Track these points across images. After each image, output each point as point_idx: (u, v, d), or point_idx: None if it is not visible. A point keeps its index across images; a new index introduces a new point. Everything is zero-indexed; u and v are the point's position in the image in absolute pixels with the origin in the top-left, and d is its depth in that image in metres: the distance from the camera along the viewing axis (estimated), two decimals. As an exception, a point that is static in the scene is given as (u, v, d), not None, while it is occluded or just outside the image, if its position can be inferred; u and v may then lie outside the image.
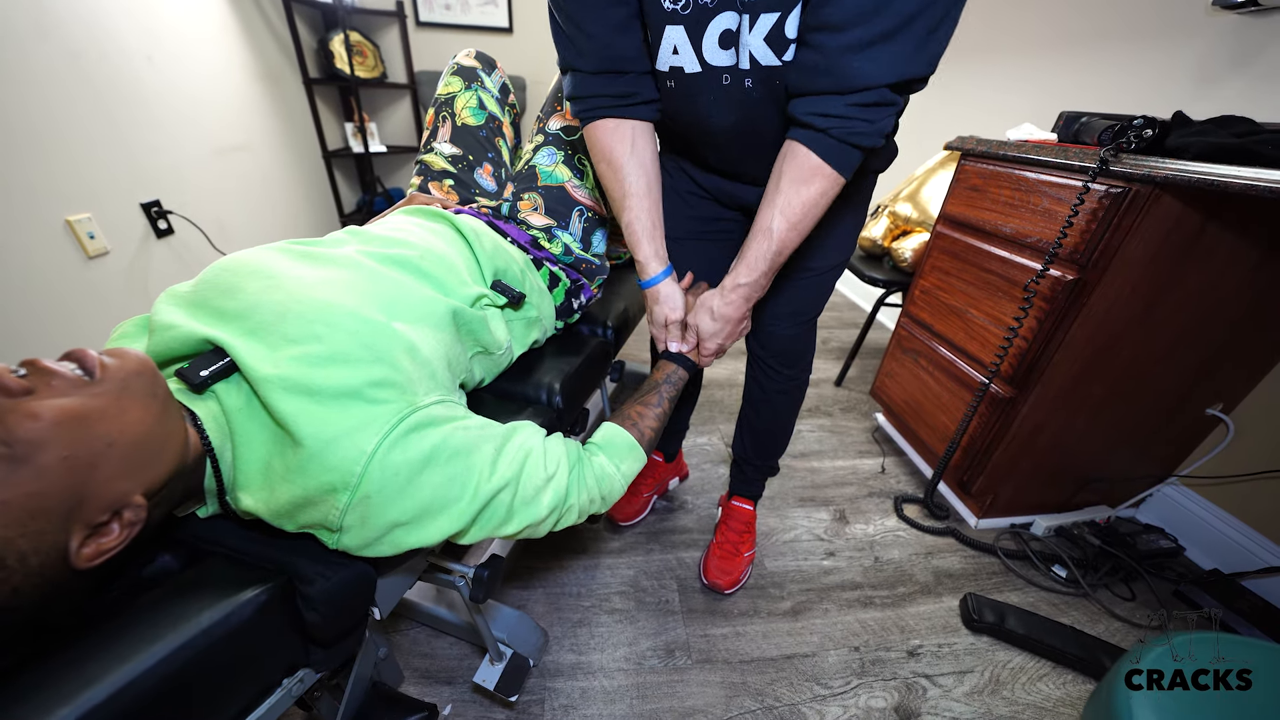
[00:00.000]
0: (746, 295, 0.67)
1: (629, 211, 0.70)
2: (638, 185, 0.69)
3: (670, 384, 0.73)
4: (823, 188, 0.57)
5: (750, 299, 0.68)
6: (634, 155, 0.68)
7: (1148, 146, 0.82)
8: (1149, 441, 1.17)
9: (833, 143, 0.54)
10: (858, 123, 0.53)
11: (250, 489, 0.48)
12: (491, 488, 0.51)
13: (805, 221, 0.60)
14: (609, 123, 0.66)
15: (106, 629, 0.39)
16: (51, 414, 0.36)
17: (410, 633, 0.94)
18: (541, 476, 0.55)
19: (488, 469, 0.51)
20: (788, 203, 0.59)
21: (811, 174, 0.57)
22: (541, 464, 0.55)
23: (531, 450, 0.55)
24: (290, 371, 0.45)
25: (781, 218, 0.60)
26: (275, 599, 0.46)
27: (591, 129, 0.68)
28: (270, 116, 2.18)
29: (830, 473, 1.40)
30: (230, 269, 0.55)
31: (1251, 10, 1.00)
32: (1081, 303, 0.91)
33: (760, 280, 0.66)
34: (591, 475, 0.59)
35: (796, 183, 0.58)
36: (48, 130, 1.28)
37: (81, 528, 0.37)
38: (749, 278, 0.65)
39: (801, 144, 0.56)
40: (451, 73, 0.98)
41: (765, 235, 0.62)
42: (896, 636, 0.98)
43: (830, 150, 0.55)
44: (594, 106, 0.66)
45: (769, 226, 0.61)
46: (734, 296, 0.67)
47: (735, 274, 0.67)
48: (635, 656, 0.92)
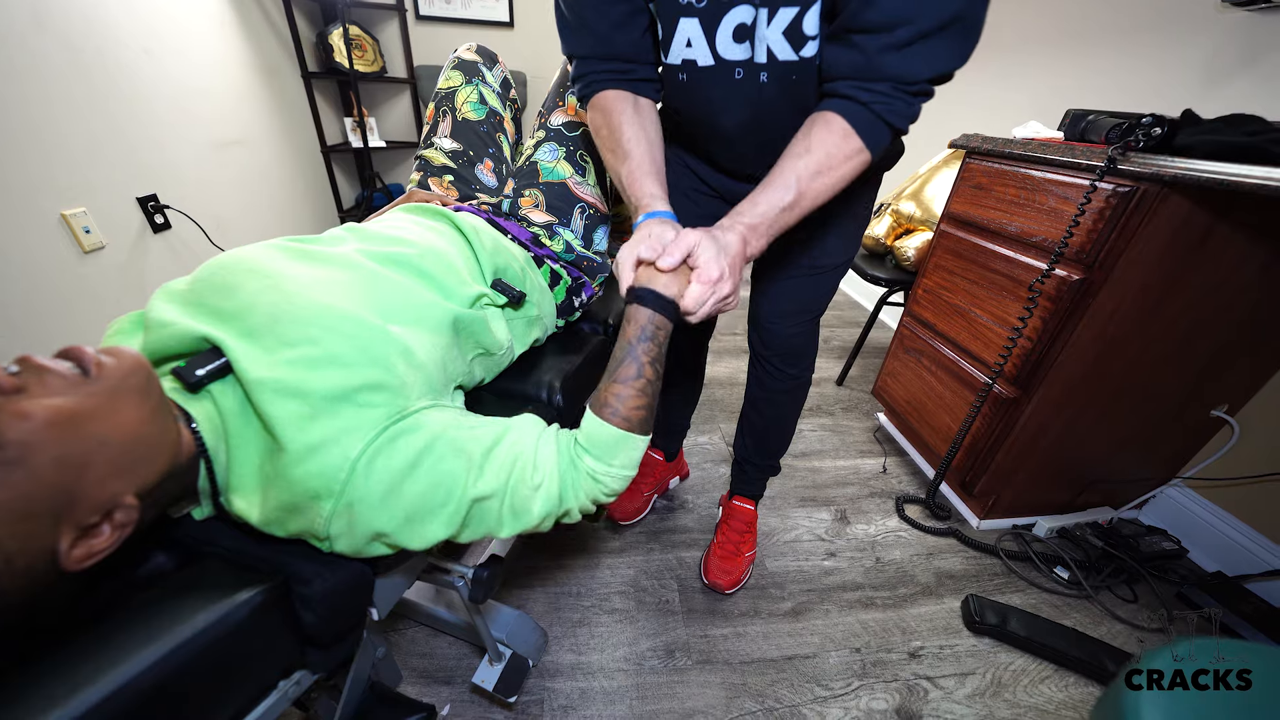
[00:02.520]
0: (743, 234, 0.56)
1: (630, 159, 0.63)
2: (636, 141, 0.64)
3: (645, 340, 0.55)
4: (850, 153, 0.55)
5: (747, 240, 0.56)
6: (636, 118, 0.64)
7: (1156, 145, 0.81)
8: (1153, 443, 1.16)
9: (870, 117, 0.53)
10: (898, 102, 0.52)
11: (243, 492, 0.47)
12: (477, 493, 0.49)
13: (823, 183, 0.56)
14: (609, 93, 0.65)
15: (99, 631, 0.39)
16: (44, 414, 0.35)
17: (409, 632, 0.93)
18: (529, 486, 0.51)
19: (475, 474, 0.49)
20: (810, 157, 0.55)
21: (843, 139, 0.54)
22: (529, 472, 0.52)
23: (520, 456, 0.52)
24: (284, 374, 0.45)
25: (807, 173, 0.55)
26: (271, 600, 0.46)
27: (593, 103, 0.66)
28: (269, 111, 2.16)
29: (832, 472, 1.39)
30: (227, 267, 0.54)
31: (1262, 7, 0.99)
32: (1087, 303, 0.90)
33: (762, 226, 0.56)
34: (585, 478, 0.55)
35: (826, 144, 0.55)
36: (43, 123, 1.27)
37: (71, 529, 0.37)
38: (751, 213, 0.56)
39: (837, 113, 0.54)
40: (452, 67, 0.96)
41: (782, 183, 0.56)
42: (898, 638, 0.97)
43: (866, 124, 0.54)
44: (593, 80, 0.64)
45: (789, 178, 0.56)
46: (732, 234, 0.55)
47: (735, 211, 0.58)
48: (635, 657, 0.91)
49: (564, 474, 0.53)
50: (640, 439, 0.56)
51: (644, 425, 0.56)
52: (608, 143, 0.66)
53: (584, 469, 0.54)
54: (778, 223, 0.57)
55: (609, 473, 0.54)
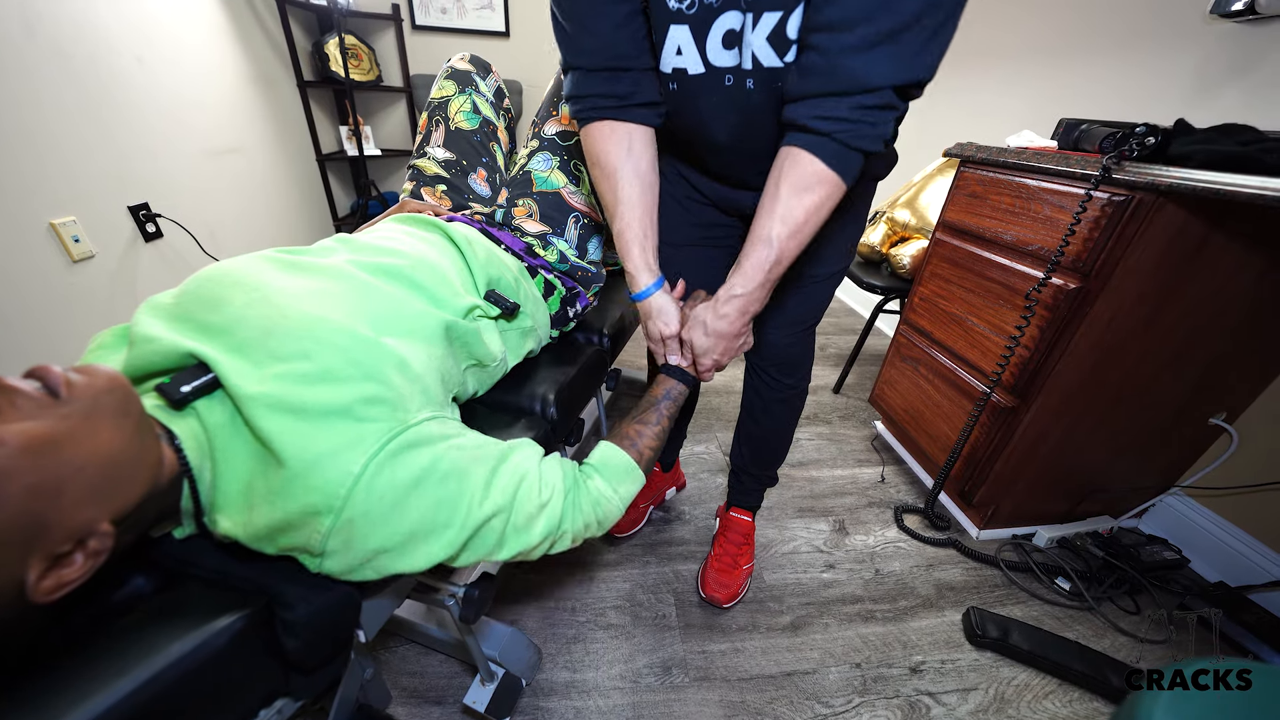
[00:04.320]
0: (742, 308, 0.63)
1: (620, 219, 0.67)
2: (630, 192, 0.66)
3: (669, 400, 0.69)
4: (825, 194, 0.55)
5: (747, 312, 0.64)
6: (629, 160, 0.65)
7: (1150, 154, 0.81)
8: (1152, 451, 1.15)
9: (836, 147, 0.52)
10: (863, 126, 0.51)
11: (229, 510, 0.45)
12: (483, 514, 0.48)
13: (806, 229, 0.57)
14: (605, 125, 0.64)
15: (68, 664, 0.37)
16: (18, 440, 0.33)
17: (399, 650, 0.91)
18: (535, 503, 0.52)
19: (480, 493, 0.49)
20: (788, 211, 0.56)
21: (814, 180, 0.54)
22: (536, 489, 0.53)
23: (526, 474, 0.53)
24: (276, 389, 0.43)
25: (782, 226, 0.57)
26: (252, 625, 0.44)
27: (588, 132, 0.66)
28: (264, 119, 2.15)
29: (829, 482, 1.38)
30: (214, 279, 0.53)
31: (1250, 19, 1.00)
32: (1084, 312, 0.90)
33: (756, 292, 0.62)
34: (588, 500, 0.57)
35: (798, 189, 0.55)
36: (33, 131, 1.26)
37: (41, 559, 0.35)
38: (744, 288, 0.62)
39: (802, 149, 0.54)
40: (445, 76, 0.96)
41: (764, 244, 0.58)
42: (899, 652, 0.96)
43: (834, 155, 0.53)
44: (591, 107, 0.63)
45: (768, 235, 0.58)
46: (728, 309, 0.63)
47: (730, 285, 0.63)
48: (631, 674, 0.89)
49: (568, 491, 0.56)
50: (642, 477, 0.64)
51: (649, 465, 0.65)
52: (600, 183, 0.68)
53: (591, 490, 0.58)
54: (772, 276, 0.61)
55: (611, 498, 0.59)
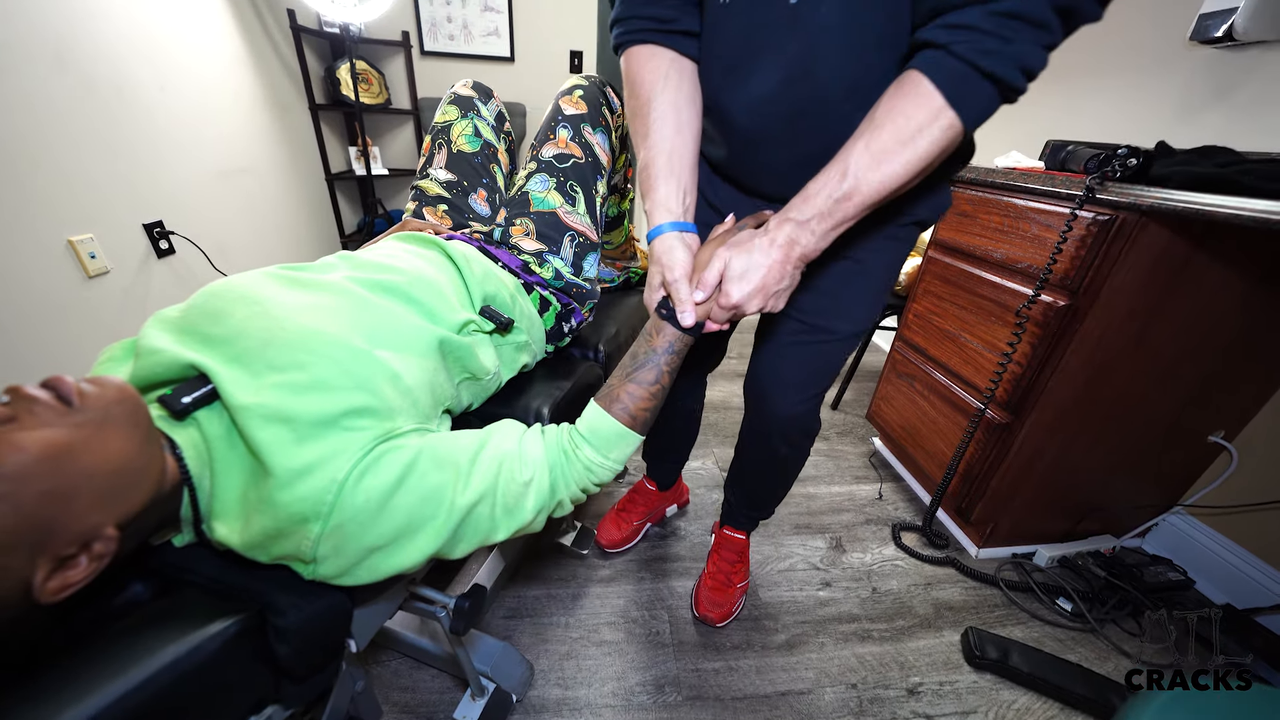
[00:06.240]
0: (793, 236, 0.51)
1: (647, 150, 0.59)
2: (663, 125, 0.58)
3: (670, 353, 0.59)
4: (924, 121, 0.43)
5: (797, 243, 0.51)
6: (666, 90, 0.58)
7: (1133, 175, 0.83)
8: (1150, 469, 1.15)
9: (954, 63, 0.41)
10: (990, 38, 0.39)
11: (225, 518, 0.47)
12: (467, 501, 0.50)
13: (893, 166, 0.45)
14: (645, 49, 0.58)
15: (69, 663, 0.38)
16: (37, 446, 0.35)
17: (391, 664, 0.91)
18: (520, 482, 0.53)
19: (462, 482, 0.50)
20: (875, 137, 0.45)
21: (914, 104, 0.43)
22: (518, 469, 0.53)
23: (505, 456, 0.54)
24: (270, 399, 0.45)
25: (865, 154, 0.46)
26: (245, 631, 0.45)
27: (628, 56, 0.60)
28: (276, 141, 2.23)
29: (826, 499, 1.37)
30: (218, 294, 0.55)
31: (1229, 45, 1.03)
32: (1074, 328, 0.91)
33: (815, 224, 0.50)
34: (578, 469, 0.57)
35: (892, 113, 0.44)
36: (57, 153, 1.31)
37: (48, 561, 0.36)
38: (801, 214, 0.50)
39: (915, 68, 0.43)
40: (448, 102, 1.00)
41: (839, 171, 0.48)
42: (896, 673, 0.94)
43: (948, 74, 0.42)
44: (631, 29, 0.58)
45: (845, 163, 0.47)
46: (778, 234, 0.51)
47: (786, 208, 0.52)
48: (624, 692, 0.88)
49: (554, 465, 0.56)
50: (638, 438, 0.60)
51: (646, 426, 0.60)
52: (635, 109, 0.60)
53: (581, 459, 0.57)
54: (836, 214, 0.49)
55: (603, 464, 0.57)
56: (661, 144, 0.58)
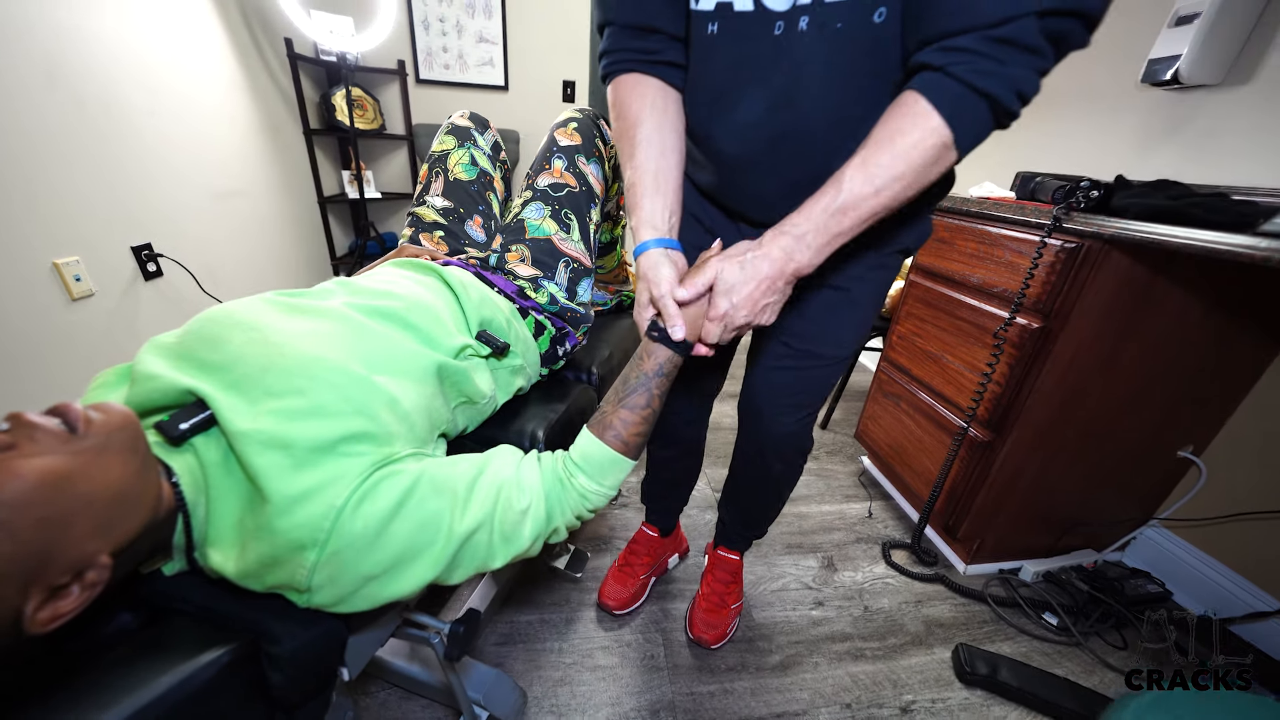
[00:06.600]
0: (788, 250, 0.52)
1: (633, 170, 0.61)
2: (647, 147, 0.60)
3: (660, 376, 0.60)
4: (920, 138, 0.45)
5: (792, 258, 0.52)
6: (652, 115, 0.60)
7: (1095, 206, 0.89)
8: (1126, 485, 1.18)
9: (951, 83, 0.43)
10: (986, 60, 0.41)
11: (220, 545, 0.47)
12: (466, 528, 0.50)
13: (889, 183, 0.47)
14: (631, 78, 0.61)
15: (60, 695, 0.38)
16: (35, 474, 0.35)
17: (379, 695, 0.89)
18: (517, 510, 0.54)
19: (460, 510, 0.51)
20: (872, 154, 0.47)
21: (910, 121, 0.45)
22: (515, 497, 0.54)
23: (503, 484, 0.55)
24: (267, 425, 0.46)
25: (860, 169, 0.48)
26: (238, 660, 0.45)
27: (615, 85, 0.63)
28: (269, 164, 2.24)
29: (817, 518, 1.39)
30: (216, 320, 0.56)
31: (1176, 87, 1.11)
32: (1048, 349, 0.95)
33: (811, 237, 0.51)
34: (574, 497, 0.58)
35: (890, 130, 0.46)
36: (47, 174, 1.31)
37: (40, 590, 0.36)
38: (796, 227, 0.51)
39: (912, 89, 0.45)
40: (446, 131, 1.03)
41: (834, 185, 0.49)
42: (889, 691, 0.95)
43: (945, 94, 0.43)
44: (618, 60, 0.61)
45: (840, 177, 0.49)
46: (773, 248, 0.52)
47: (781, 224, 0.53)
48: (619, 717, 0.87)
49: (550, 493, 0.57)
50: (631, 463, 0.61)
51: (638, 451, 0.62)
52: (621, 131, 0.62)
53: (576, 487, 0.58)
54: (831, 227, 0.50)
55: (598, 491, 0.59)
56: (647, 164, 0.60)
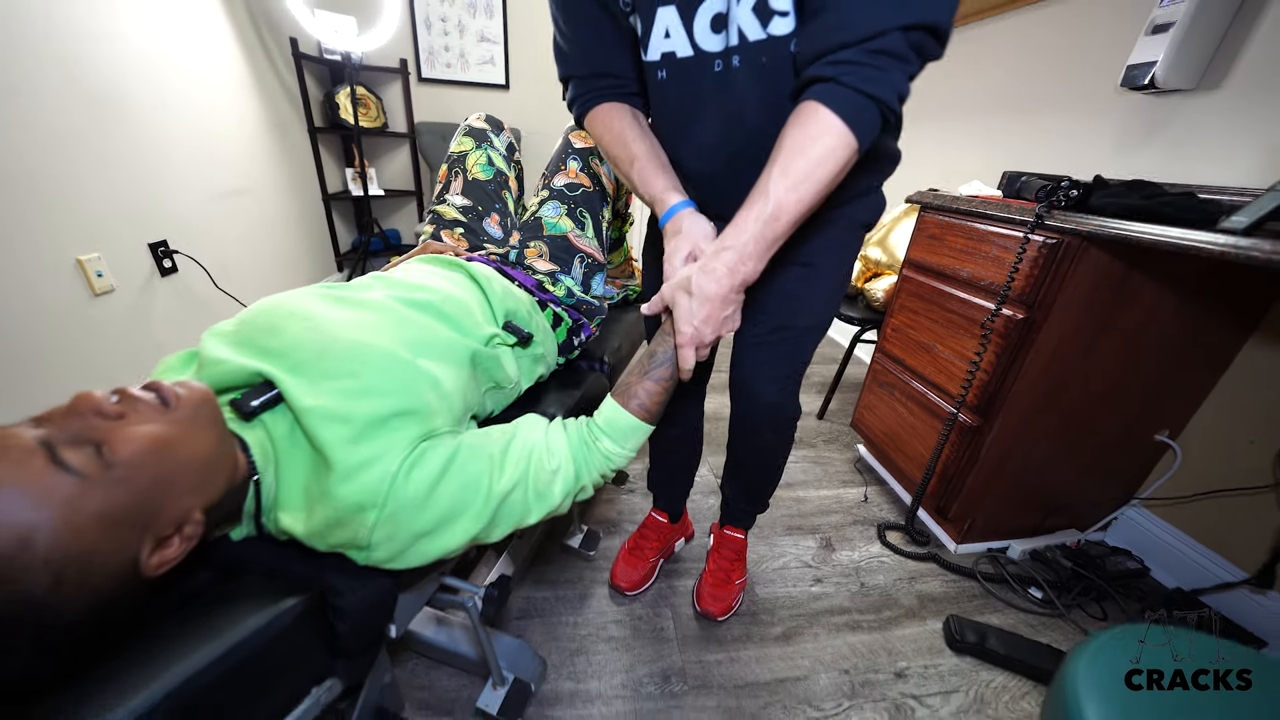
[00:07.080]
0: (731, 265, 0.56)
1: (636, 162, 0.67)
2: (640, 143, 0.67)
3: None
4: (830, 145, 0.50)
5: (737, 272, 0.56)
6: (635, 124, 0.68)
7: (1075, 204, 0.95)
8: (1107, 467, 1.25)
9: (845, 91, 0.49)
10: (868, 69, 0.48)
11: (290, 509, 0.52)
12: (503, 488, 0.57)
13: (808, 185, 0.52)
14: (604, 106, 0.68)
15: (167, 629, 0.43)
16: (146, 439, 0.41)
17: (408, 664, 0.94)
18: (548, 470, 0.60)
19: (498, 472, 0.57)
20: (789, 162, 0.52)
21: (818, 129, 0.50)
22: (546, 459, 0.61)
23: (534, 447, 0.61)
24: (329, 402, 0.51)
25: (781, 178, 0.53)
26: (310, 610, 0.50)
27: (591, 118, 0.69)
28: (275, 162, 2.28)
29: (816, 502, 1.45)
30: (271, 310, 0.61)
31: (1153, 92, 1.17)
32: (1032, 339, 1.02)
33: (750, 248, 0.55)
34: (598, 458, 0.64)
35: (800, 140, 0.52)
36: (67, 172, 1.35)
37: (151, 539, 0.42)
38: (735, 241, 0.55)
39: (810, 99, 0.51)
40: (464, 133, 1.08)
41: (761, 196, 0.54)
42: (884, 659, 1.01)
43: (842, 101, 0.49)
44: (588, 97, 0.68)
45: (765, 187, 0.54)
46: (716, 265, 0.56)
47: (720, 238, 0.58)
48: (632, 683, 0.94)
49: (576, 455, 0.63)
50: (650, 428, 0.67)
51: (657, 418, 0.68)
52: (612, 147, 0.69)
53: (600, 449, 0.64)
54: (765, 234, 0.55)
55: (620, 453, 0.65)
56: (648, 153, 0.67)
